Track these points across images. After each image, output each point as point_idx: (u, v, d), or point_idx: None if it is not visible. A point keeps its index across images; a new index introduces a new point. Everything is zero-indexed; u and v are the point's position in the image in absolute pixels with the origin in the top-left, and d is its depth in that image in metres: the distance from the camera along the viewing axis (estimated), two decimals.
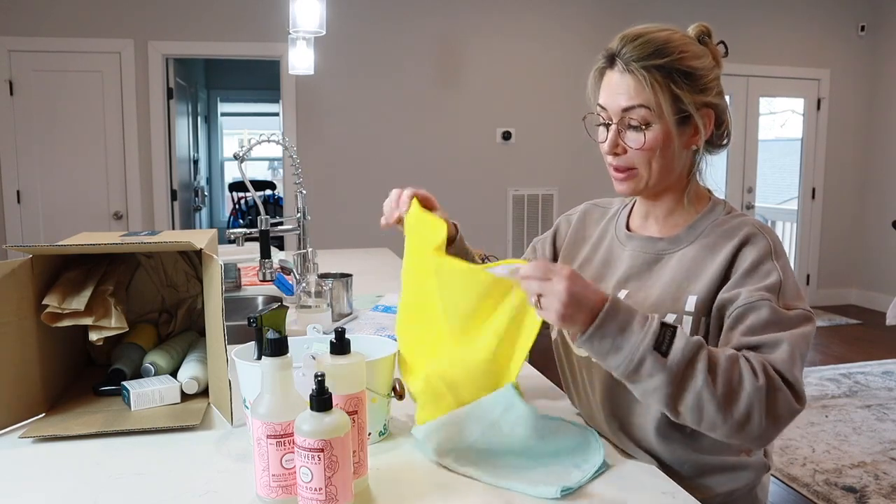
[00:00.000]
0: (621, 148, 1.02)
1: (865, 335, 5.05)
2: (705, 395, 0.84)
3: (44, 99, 4.46)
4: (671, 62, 0.98)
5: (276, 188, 8.46)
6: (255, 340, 1.05)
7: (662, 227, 1.10)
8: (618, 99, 1.00)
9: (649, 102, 0.98)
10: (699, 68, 1.00)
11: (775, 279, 0.95)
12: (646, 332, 0.85)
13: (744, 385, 0.85)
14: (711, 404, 0.84)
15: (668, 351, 0.84)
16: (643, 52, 0.98)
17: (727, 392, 0.84)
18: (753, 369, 0.86)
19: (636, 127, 1.00)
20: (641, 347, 0.84)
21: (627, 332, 0.85)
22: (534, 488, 0.87)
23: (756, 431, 0.86)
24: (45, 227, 4.54)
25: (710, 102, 1.02)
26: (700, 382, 0.84)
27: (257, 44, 4.74)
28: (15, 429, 1.10)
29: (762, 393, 0.85)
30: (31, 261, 1.15)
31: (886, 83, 5.73)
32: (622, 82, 1.00)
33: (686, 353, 0.85)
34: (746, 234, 1.00)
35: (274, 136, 2.00)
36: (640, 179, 1.04)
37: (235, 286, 2.28)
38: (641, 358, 0.84)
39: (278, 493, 0.83)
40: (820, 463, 2.91)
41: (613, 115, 1.02)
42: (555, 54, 5.19)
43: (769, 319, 0.91)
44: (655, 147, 1.00)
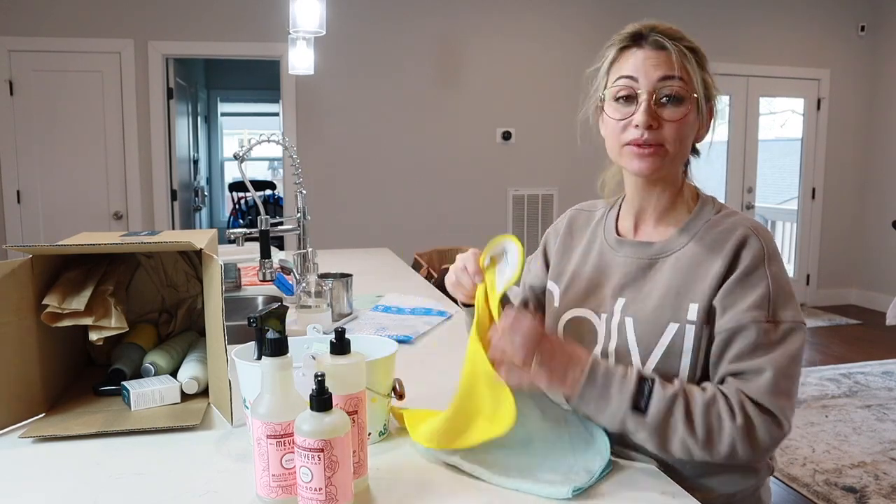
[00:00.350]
0: (657, 121, 0.98)
1: (865, 335, 5.05)
2: (689, 441, 0.91)
3: (44, 99, 4.46)
4: (697, 47, 1.00)
5: (276, 188, 8.46)
6: (255, 340, 1.05)
7: (654, 230, 1.08)
8: (653, 71, 0.98)
9: (687, 76, 0.98)
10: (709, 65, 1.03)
11: (764, 290, 0.95)
12: (623, 395, 0.91)
13: (723, 426, 0.90)
14: (696, 447, 0.91)
15: (647, 408, 0.90)
16: (676, 34, 1.00)
17: (707, 435, 0.90)
18: (731, 409, 0.91)
19: (672, 98, 0.98)
20: (621, 411, 0.91)
21: (607, 398, 0.92)
22: (545, 488, 0.87)
23: (744, 459, 0.92)
24: (45, 227, 4.54)
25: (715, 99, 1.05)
26: (681, 431, 0.90)
27: (257, 44, 4.74)
28: (15, 429, 1.10)
29: (741, 431, 0.90)
30: (31, 261, 1.15)
31: (886, 83, 5.73)
32: (657, 55, 0.99)
33: (662, 407, 0.90)
34: (742, 238, 0.98)
35: (274, 136, 2.00)
36: (666, 157, 1.00)
37: (235, 286, 2.28)
38: (623, 419, 0.91)
39: (278, 493, 0.83)
40: (820, 463, 2.91)
41: (647, 85, 0.98)
42: (555, 54, 5.19)
43: (755, 343, 0.93)
44: (688, 123, 1.00)
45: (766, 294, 0.95)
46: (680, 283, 1.01)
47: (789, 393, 0.93)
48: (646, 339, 1.01)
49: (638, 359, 1.01)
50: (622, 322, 1.04)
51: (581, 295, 1.12)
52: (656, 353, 1.00)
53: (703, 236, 1.02)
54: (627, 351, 1.02)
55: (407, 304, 2.01)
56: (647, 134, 0.98)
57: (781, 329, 0.94)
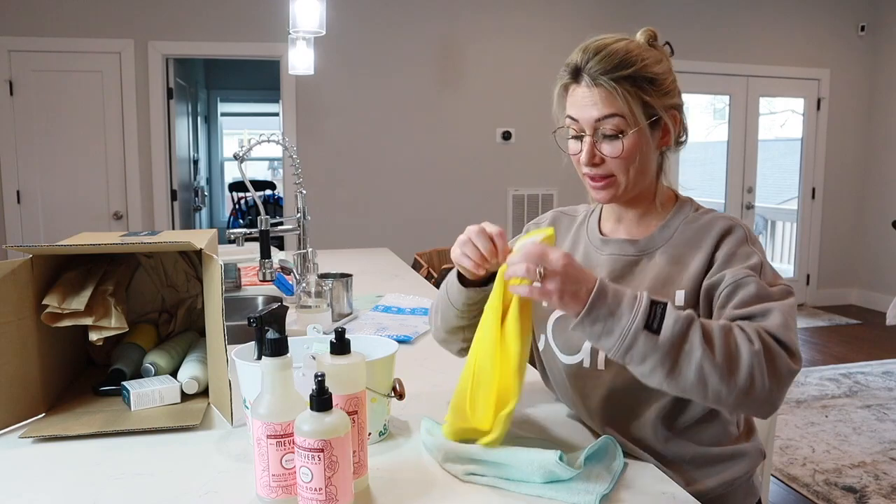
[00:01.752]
0: (599, 158, 1.04)
1: (865, 335, 5.05)
2: (706, 365, 0.85)
3: (44, 99, 4.46)
4: (636, 71, 1.00)
5: (276, 188, 8.46)
6: (255, 340, 1.05)
7: (636, 230, 1.12)
8: (589, 111, 1.02)
9: (622, 111, 1.00)
10: (661, 73, 1.03)
11: (756, 260, 0.99)
12: (635, 312, 0.86)
13: (741, 351, 0.86)
14: (714, 374, 0.85)
15: (660, 328, 0.85)
16: (609, 65, 1.00)
17: (726, 359, 0.85)
18: (748, 336, 0.88)
19: (611, 136, 1.02)
20: (633, 328, 0.85)
21: (617, 315, 0.86)
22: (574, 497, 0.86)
23: (761, 394, 0.86)
24: (45, 227, 4.54)
25: (675, 104, 1.06)
26: (698, 354, 0.85)
27: (257, 44, 4.74)
28: (15, 429, 1.10)
29: (760, 356, 0.86)
30: (31, 261, 1.15)
31: (886, 83, 5.73)
32: (591, 95, 1.01)
33: (678, 327, 0.85)
34: (724, 227, 1.03)
35: (274, 136, 2.00)
36: (619, 186, 1.06)
37: (235, 286, 2.28)
38: (633, 339, 0.85)
39: (278, 493, 0.83)
40: (820, 463, 2.91)
41: (586, 126, 1.03)
42: (555, 54, 5.18)
43: (757, 293, 0.95)
44: (633, 154, 1.03)
45: (758, 265, 0.98)
46: (666, 275, 1.04)
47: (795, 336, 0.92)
48: None
49: None
50: None
51: None
52: None
53: (684, 230, 1.07)
54: None
55: (407, 304, 2.01)
56: (593, 170, 1.06)
57: (777, 288, 0.97)
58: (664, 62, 1.05)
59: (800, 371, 0.90)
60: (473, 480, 0.91)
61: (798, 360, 0.90)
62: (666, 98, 1.03)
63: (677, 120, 1.06)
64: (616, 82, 0.99)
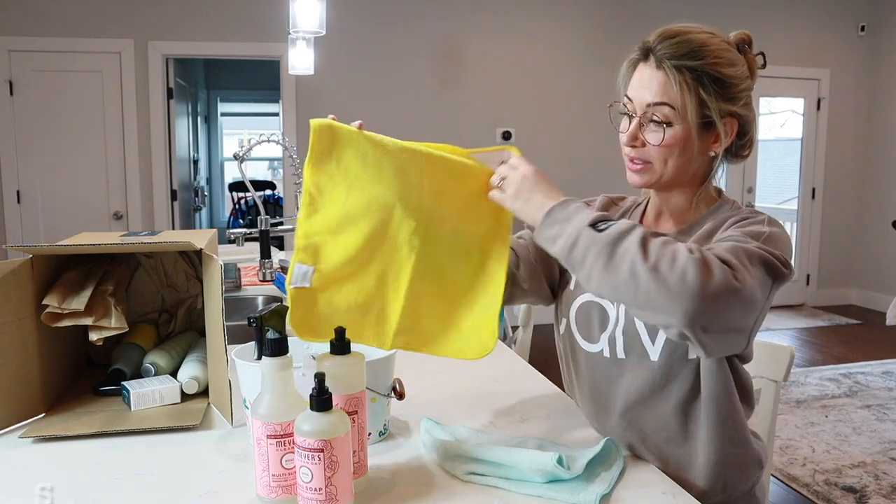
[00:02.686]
0: (640, 141, 1.04)
1: (865, 335, 5.05)
2: (638, 262, 0.85)
3: (44, 99, 4.46)
4: (703, 65, 0.99)
5: (276, 188, 8.46)
6: (255, 340, 1.05)
7: (671, 226, 1.12)
8: (645, 93, 1.02)
9: (674, 102, 0.99)
10: (731, 76, 1.01)
11: (762, 230, 0.97)
12: (587, 215, 0.91)
13: (677, 256, 0.85)
14: (644, 270, 0.84)
15: (605, 229, 0.89)
16: (677, 51, 1.00)
17: (660, 258, 0.85)
18: (689, 248, 0.87)
19: (658, 123, 1.01)
20: (580, 227, 0.90)
21: (571, 220, 0.92)
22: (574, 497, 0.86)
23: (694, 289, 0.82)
24: (45, 227, 4.54)
25: (736, 112, 1.03)
26: (633, 250, 0.86)
27: (257, 44, 4.74)
28: (15, 429, 1.10)
29: (697, 262, 0.84)
30: (31, 261, 1.15)
31: (886, 83, 5.73)
32: (652, 77, 1.01)
33: (620, 227, 0.89)
34: (746, 213, 1.03)
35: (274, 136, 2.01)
36: (654, 174, 1.05)
37: (235, 286, 2.28)
38: (577, 235, 0.90)
39: (278, 493, 0.83)
40: (820, 463, 2.91)
41: (638, 107, 1.03)
42: (555, 54, 5.19)
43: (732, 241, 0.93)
44: (673, 146, 1.02)
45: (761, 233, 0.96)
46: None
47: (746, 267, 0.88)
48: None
49: (647, 337, 1.03)
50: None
51: None
52: (663, 333, 1.01)
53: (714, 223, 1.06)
54: (636, 331, 1.04)
55: None
56: (632, 151, 1.05)
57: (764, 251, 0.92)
58: (741, 68, 1.02)
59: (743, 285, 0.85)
60: (473, 480, 0.91)
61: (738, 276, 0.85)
62: (727, 103, 1.01)
63: (734, 129, 1.04)
64: (678, 70, 0.99)
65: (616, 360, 1.07)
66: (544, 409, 1.20)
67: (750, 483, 1.09)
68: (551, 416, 1.16)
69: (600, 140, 5.10)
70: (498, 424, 1.12)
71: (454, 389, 1.27)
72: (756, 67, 1.06)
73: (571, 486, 0.88)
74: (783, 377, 1.36)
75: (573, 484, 0.88)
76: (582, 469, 0.90)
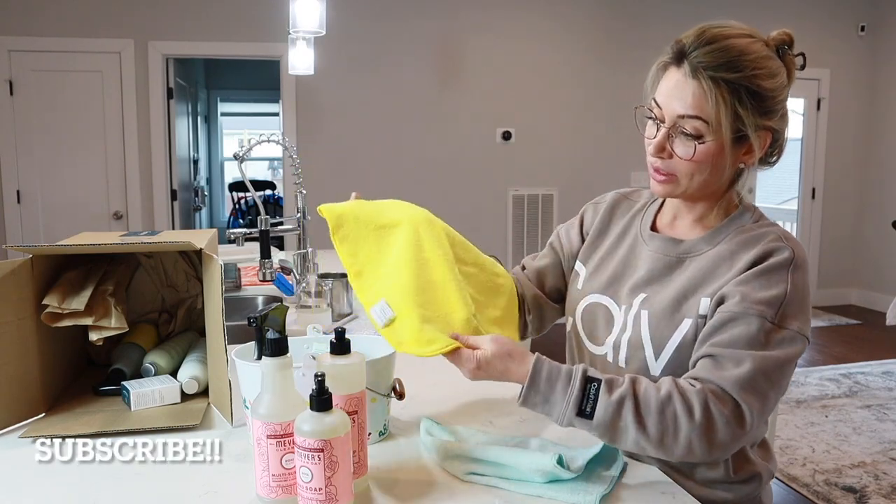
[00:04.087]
0: (667, 153, 0.98)
1: (865, 335, 5.05)
2: (642, 441, 0.89)
3: (44, 99, 4.46)
4: (742, 78, 0.93)
5: (276, 188, 8.46)
6: (255, 340, 1.05)
7: (688, 231, 1.08)
8: (676, 103, 0.95)
9: (708, 116, 0.93)
10: (769, 90, 0.96)
11: (779, 291, 0.92)
12: (567, 399, 0.90)
13: (679, 427, 0.88)
14: (650, 446, 0.90)
15: (593, 413, 0.89)
16: (715, 61, 0.93)
17: (661, 436, 0.89)
18: (690, 408, 0.88)
19: (688, 135, 0.95)
20: (566, 416, 0.90)
21: (551, 402, 0.91)
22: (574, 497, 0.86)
23: (702, 458, 0.91)
24: (45, 227, 4.54)
25: (771, 126, 0.99)
26: (632, 433, 0.89)
27: (257, 44, 4.74)
28: (15, 429, 1.10)
29: (700, 430, 0.88)
30: (31, 261, 1.15)
31: (886, 83, 5.73)
32: (685, 86, 0.94)
33: (609, 411, 0.89)
34: (771, 245, 0.97)
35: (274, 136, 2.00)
36: (678, 187, 1.01)
37: (235, 286, 2.28)
38: (569, 423, 0.91)
39: (278, 493, 0.83)
40: (820, 463, 2.91)
41: (668, 116, 0.96)
42: (555, 54, 5.19)
43: (750, 336, 0.91)
44: (703, 162, 0.96)
45: (781, 296, 0.92)
46: (699, 281, 1.00)
47: (765, 395, 0.90)
48: (659, 334, 1.01)
49: (651, 352, 1.01)
50: (638, 314, 1.04)
51: (605, 282, 1.12)
52: (669, 347, 1.00)
53: (732, 239, 1.02)
54: (641, 344, 1.02)
55: None
56: (659, 161, 1.00)
57: (782, 334, 0.91)
58: (780, 77, 0.97)
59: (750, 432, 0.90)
60: (473, 480, 0.91)
61: (745, 422, 0.88)
62: (763, 118, 0.96)
63: (767, 141, 1.00)
64: (714, 82, 0.92)
65: (618, 367, 1.06)
66: None
67: (755, 493, 1.08)
68: None
69: (601, 140, 5.10)
70: (498, 424, 1.12)
71: (454, 389, 1.27)
72: (794, 69, 1.01)
73: (571, 486, 0.88)
74: None
75: (573, 484, 0.88)
76: (582, 469, 0.90)
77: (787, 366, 0.93)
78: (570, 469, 0.89)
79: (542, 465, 0.88)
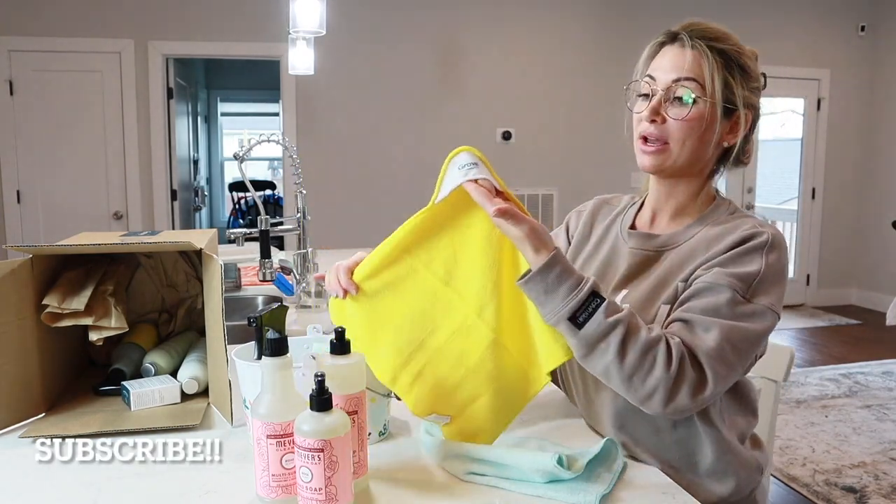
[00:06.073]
0: (661, 117, 1.02)
1: (865, 335, 5.05)
2: (612, 368, 0.89)
3: (44, 99, 4.46)
4: (731, 50, 1.01)
5: (276, 188, 8.46)
6: (255, 340, 1.05)
7: (666, 226, 1.11)
8: (672, 71, 1.02)
9: (702, 78, 1.00)
10: (752, 69, 1.03)
11: (754, 269, 0.96)
12: (568, 301, 0.88)
13: (654, 372, 0.89)
14: (617, 377, 0.90)
15: (584, 324, 0.88)
16: (707, 34, 1.01)
17: (633, 372, 0.89)
18: (670, 358, 0.89)
19: (681, 99, 1.01)
20: (557, 316, 0.89)
21: (551, 296, 0.89)
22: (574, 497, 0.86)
23: (655, 411, 0.91)
24: (45, 227, 4.54)
25: (754, 104, 1.04)
26: (610, 357, 0.89)
27: (257, 44, 4.74)
28: (15, 429, 1.10)
29: (669, 381, 0.88)
30: (31, 261, 1.15)
31: (886, 83, 5.73)
32: (682, 55, 1.01)
33: (600, 329, 0.88)
34: (746, 232, 1.00)
35: (274, 136, 2.00)
36: (669, 156, 1.04)
37: (235, 286, 2.28)
38: (556, 323, 0.89)
39: (278, 493, 0.83)
40: (820, 463, 2.91)
41: (661, 84, 1.02)
42: (555, 54, 5.19)
43: (720, 305, 0.93)
44: (695, 123, 1.01)
45: (754, 273, 0.96)
46: (675, 269, 1.03)
47: (731, 365, 0.92)
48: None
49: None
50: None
51: None
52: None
53: (708, 231, 1.05)
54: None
55: None
56: (651, 127, 1.03)
57: (752, 307, 0.94)
58: (756, 66, 1.05)
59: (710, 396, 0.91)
60: (473, 480, 0.91)
61: (706, 389, 0.90)
62: (749, 93, 1.02)
63: (749, 122, 1.04)
64: (710, 49, 1.00)
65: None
66: (544, 409, 1.19)
67: (750, 487, 1.09)
68: (551, 416, 1.16)
69: (600, 140, 5.10)
70: None
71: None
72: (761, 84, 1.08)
73: (571, 486, 0.88)
74: (783, 377, 1.36)
75: (573, 484, 0.88)
76: (582, 469, 0.90)
77: (756, 338, 0.95)
78: (570, 469, 0.89)
79: (541, 465, 0.88)
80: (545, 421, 1.15)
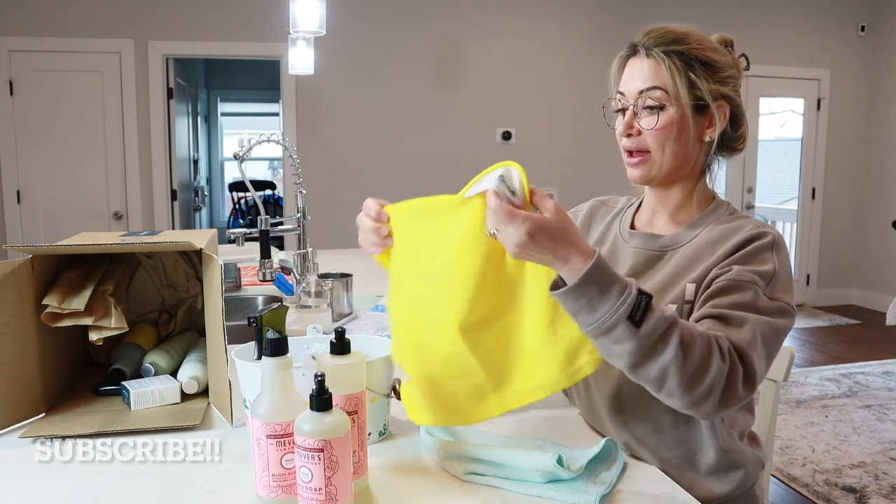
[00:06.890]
0: (635, 130, 1.04)
1: (865, 335, 5.05)
2: (672, 369, 0.84)
3: (44, 99, 4.45)
4: (690, 49, 1.02)
5: (276, 188, 8.46)
6: (255, 340, 1.05)
7: (666, 226, 1.11)
8: (636, 82, 1.03)
9: (665, 84, 1.01)
10: (717, 60, 1.04)
11: (770, 268, 0.97)
12: (623, 299, 0.82)
13: (711, 364, 0.85)
14: (675, 379, 0.84)
15: (642, 322, 0.83)
16: (663, 39, 1.03)
17: (695, 371, 0.84)
18: (721, 349, 0.87)
19: (651, 108, 1.02)
20: (616, 315, 0.82)
21: (606, 296, 0.82)
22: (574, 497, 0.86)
23: (707, 411, 0.87)
24: (45, 227, 4.54)
25: (726, 94, 1.04)
26: (670, 356, 0.83)
27: (257, 44, 4.74)
28: (15, 429, 1.10)
29: (723, 376, 0.86)
30: (31, 261, 1.15)
31: (886, 83, 5.73)
32: (642, 66, 1.03)
33: (660, 325, 0.83)
34: (751, 233, 1.00)
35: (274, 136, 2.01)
36: (653, 164, 1.05)
37: (235, 286, 2.28)
38: (614, 324, 0.83)
39: (278, 493, 0.83)
40: (820, 463, 2.91)
41: (630, 97, 1.04)
42: (555, 54, 5.19)
43: (748, 301, 0.93)
44: (668, 128, 1.02)
45: (771, 272, 0.96)
46: (683, 269, 1.04)
47: (765, 357, 0.92)
48: None
49: None
50: None
51: None
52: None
53: (711, 231, 1.05)
54: None
55: None
56: (629, 142, 1.06)
57: (775, 304, 0.95)
58: (724, 56, 1.05)
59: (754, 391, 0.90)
60: (473, 480, 0.91)
61: (751, 386, 0.89)
62: (717, 85, 1.03)
63: (726, 113, 1.05)
64: (665, 54, 1.01)
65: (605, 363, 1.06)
66: (544, 409, 1.20)
67: (750, 482, 1.09)
68: (551, 416, 1.16)
69: (600, 140, 5.10)
70: (498, 424, 1.12)
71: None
72: (741, 68, 1.09)
73: (571, 486, 0.88)
74: (783, 377, 1.36)
75: (573, 484, 0.88)
76: (582, 469, 0.90)
77: (782, 334, 0.95)
78: (569, 469, 0.89)
79: (541, 465, 0.88)
80: (545, 420, 1.15)
